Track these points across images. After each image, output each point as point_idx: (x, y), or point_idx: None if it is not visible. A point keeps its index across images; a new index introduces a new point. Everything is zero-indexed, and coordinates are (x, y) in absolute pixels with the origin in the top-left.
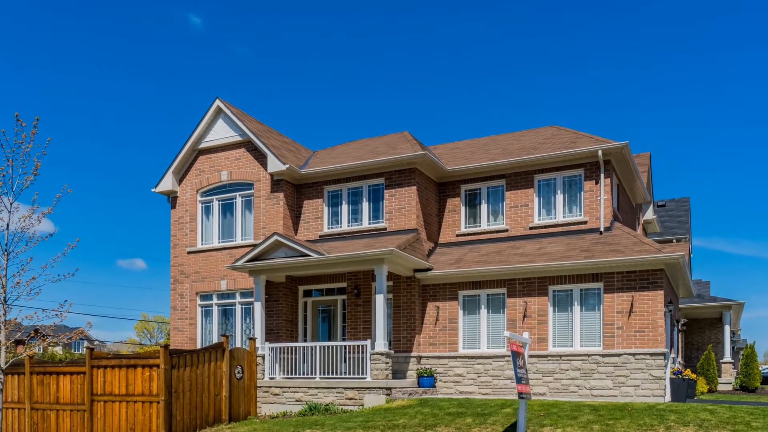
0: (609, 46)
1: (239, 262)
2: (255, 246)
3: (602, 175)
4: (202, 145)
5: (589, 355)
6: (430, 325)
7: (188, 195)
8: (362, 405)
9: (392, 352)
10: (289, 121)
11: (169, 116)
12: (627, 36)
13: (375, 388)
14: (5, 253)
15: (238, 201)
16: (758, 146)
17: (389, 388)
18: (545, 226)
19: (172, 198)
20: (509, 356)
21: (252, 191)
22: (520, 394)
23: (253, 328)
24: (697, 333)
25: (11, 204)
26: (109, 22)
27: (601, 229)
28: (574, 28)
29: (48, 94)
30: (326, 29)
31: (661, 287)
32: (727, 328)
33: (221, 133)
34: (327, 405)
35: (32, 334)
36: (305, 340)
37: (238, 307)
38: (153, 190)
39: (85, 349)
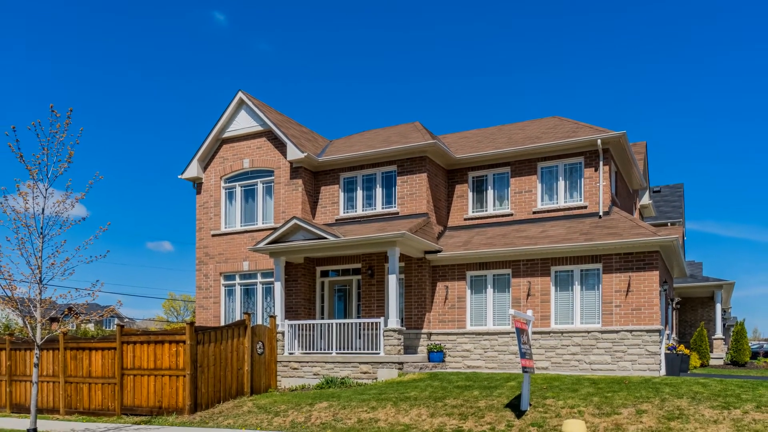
0: (609, 42)
1: (260, 245)
2: (275, 229)
3: (601, 163)
4: (226, 135)
5: (588, 332)
6: (439, 304)
7: (212, 181)
8: (376, 378)
9: (404, 329)
10: (306, 111)
11: (195, 108)
12: (627, 33)
13: (388, 362)
14: (41, 235)
15: (259, 187)
16: (749, 135)
17: (401, 363)
18: (547, 211)
19: (197, 184)
20: (514, 333)
21: (272, 178)
22: (524, 369)
23: (274, 306)
24: (691, 311)
25: (46, 190)
26: (140, 20)
27: (600, 214)
28: (575, 25)
29: (82, 87)
30: (342, 26)
31: (657, 268)
32: (718, 307)
33: (243, 123)
34: (343, 378)
35: (66, 312)
36: (322, 318)
37: (260, 287)
38: (179, 176)
39: (115, 326)
